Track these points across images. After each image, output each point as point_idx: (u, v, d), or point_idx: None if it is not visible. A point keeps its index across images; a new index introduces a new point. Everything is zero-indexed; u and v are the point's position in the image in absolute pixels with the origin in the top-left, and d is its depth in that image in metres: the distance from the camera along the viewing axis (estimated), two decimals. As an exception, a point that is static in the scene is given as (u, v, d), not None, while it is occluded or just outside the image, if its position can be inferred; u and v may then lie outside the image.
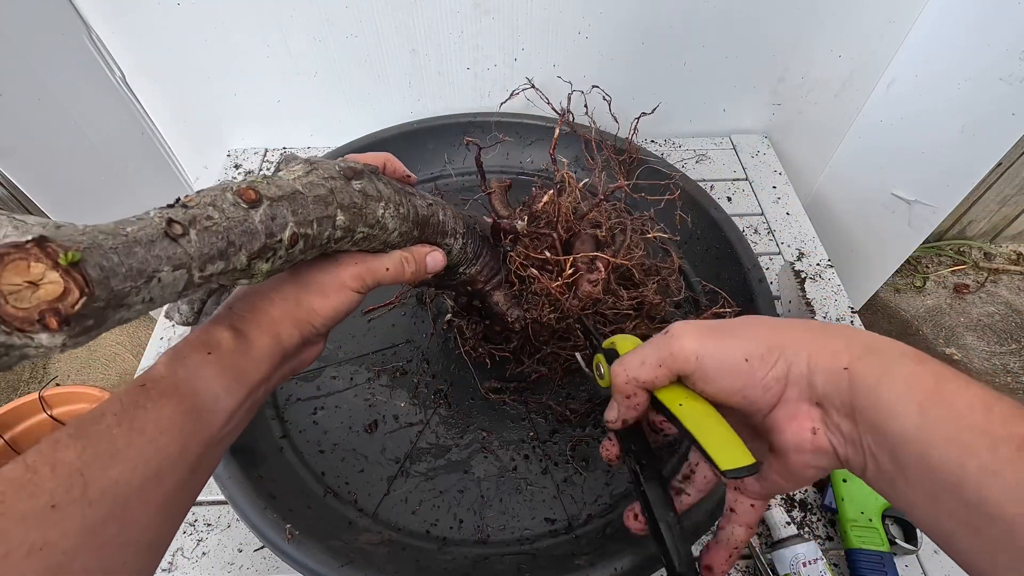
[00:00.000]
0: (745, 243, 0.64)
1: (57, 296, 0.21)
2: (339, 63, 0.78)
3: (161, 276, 0.25)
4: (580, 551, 0.46)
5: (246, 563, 0.50)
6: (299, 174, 0.34)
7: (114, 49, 0.75)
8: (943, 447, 0.22)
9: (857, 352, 0.26)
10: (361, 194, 0.36)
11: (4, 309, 0.20)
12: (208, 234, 0.27)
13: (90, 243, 0.23)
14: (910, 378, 0.24)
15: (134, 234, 0.25)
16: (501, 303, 0.52)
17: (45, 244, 0.21)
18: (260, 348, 0.34)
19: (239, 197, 0.29)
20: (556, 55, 0.79)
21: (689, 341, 0.30)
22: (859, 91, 0.85)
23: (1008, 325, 1.50)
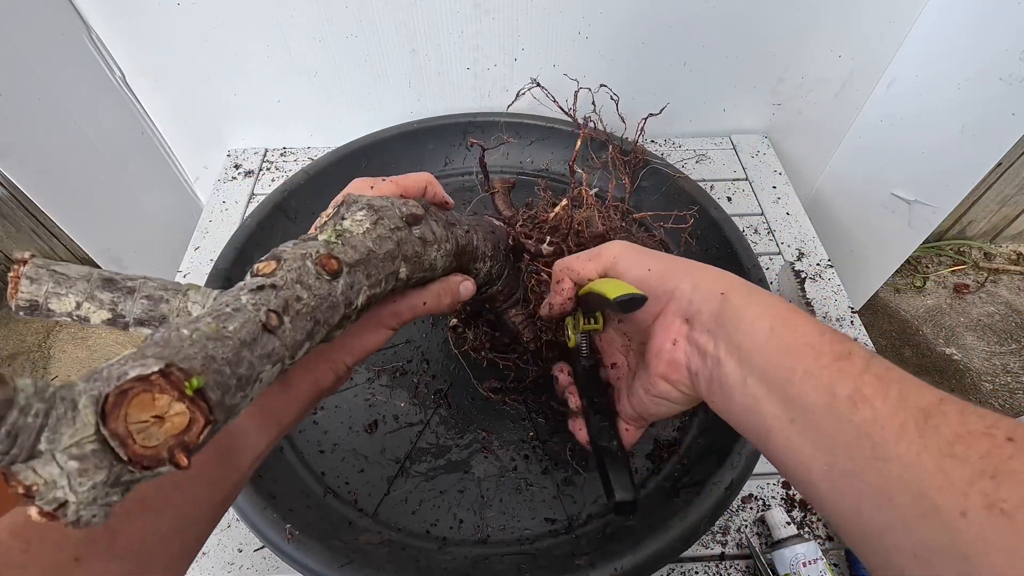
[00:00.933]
0: (745, 243, 0.64)
1: (184, 428, 0.20)
2: (339, 63, 0.78)
3: (263, 376, 0.23)
4: (580, 551, 0.46)
5: (246, 563, 0.50)
6: (367, 226, 0.32)
7: (114, 49, 0.75)
8: (781, 355, 0.27)
9: (734, 283, 0.32)
10: (421, 241, 0.35)
11: (133, 450, 0.19)
12: (300, 319, 0.25)
13: (204, 359, 0.21)
14: (769, 306, 0.30)
15: (237, 334, 0.23)
16: (518, 322, 0.51)
17: (169, 372, 0.19)
18: (299, 391, 0.33)
19: (322, 269, 0.27)
20: (556, 55, 0.79)
21: (616, 247, 0.37)
22: (859, 91, 0.85)
23: (1008, 325, 1.50)
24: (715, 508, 0.46)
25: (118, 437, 0.19)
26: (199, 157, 0.91)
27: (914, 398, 0.23)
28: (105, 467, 0.19)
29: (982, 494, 0.20)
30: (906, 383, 0.24)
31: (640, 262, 0.35)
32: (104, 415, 0.18)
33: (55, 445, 0.18)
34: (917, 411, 0.23)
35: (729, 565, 0.50)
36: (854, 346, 0.27)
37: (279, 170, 0.86)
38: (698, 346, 0.32)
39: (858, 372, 0.25)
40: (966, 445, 0.21)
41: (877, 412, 0.23)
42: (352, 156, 0.75)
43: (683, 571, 0.50)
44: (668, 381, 0.34)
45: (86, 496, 0.18)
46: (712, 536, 0.52)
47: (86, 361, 1.44)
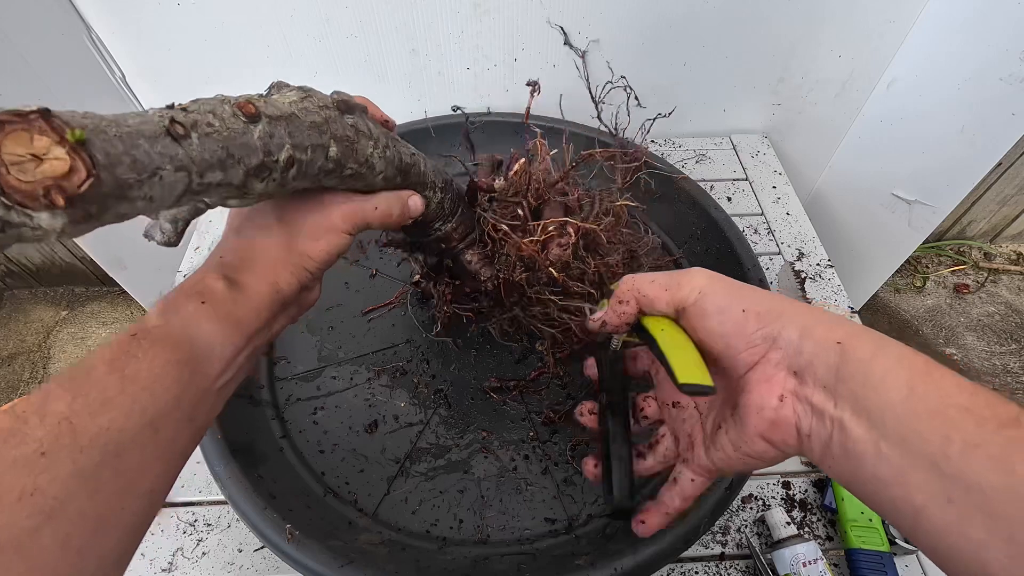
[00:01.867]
0: (745, 243, 0.64)
1: (63, 173, 0.20)
2: (339, 63, 0.78)
3: (163, 174, 0.24)
4: (580, 551, 0.46)
5: (246, 563, 0.50)
6: (293, 98, 0.33)
7: (114, 49, 0.75)
8: (928, 420, 0.23)
9: (853, 330, 0.27)
10: (353, 128, 0.36)
11: (5, 179, 0.19)
12: (209, 140, 0.26)
13: (95, 127, 0.22)
14: (902, 357, 0.25)
15: (137, 127, 0.23)
16: (474, 262, 0.52)
17: (50, 117, 0.20)
18: (258, 295, 0.33)
19: (238, 110, 0.28)
20: (556, 55, 0.79)
21: (700, 277, 0.32)
22: (859, 91, 0.85)
23: (1008, 325, 1.50)
24: (715, 508, 0.46)
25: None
26: (199, 157, 0.91)
27: None
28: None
29: None
30: None
31: (731, 297, 0.30)
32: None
33: None
34: None
35: (729, 565, 0.50)
36: (1019, 410, 0.22)
37: (279, 170, 0.86)
38: (812, 405, 0.27)
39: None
40: None
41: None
42: (352, 156, 0.75)
43: (683, 571, 0.50)
44: (769, 441, 0.29)
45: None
46: (712, 536, 0.52)
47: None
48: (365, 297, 0.66)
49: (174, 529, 0.52)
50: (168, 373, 0.28)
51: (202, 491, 0.54)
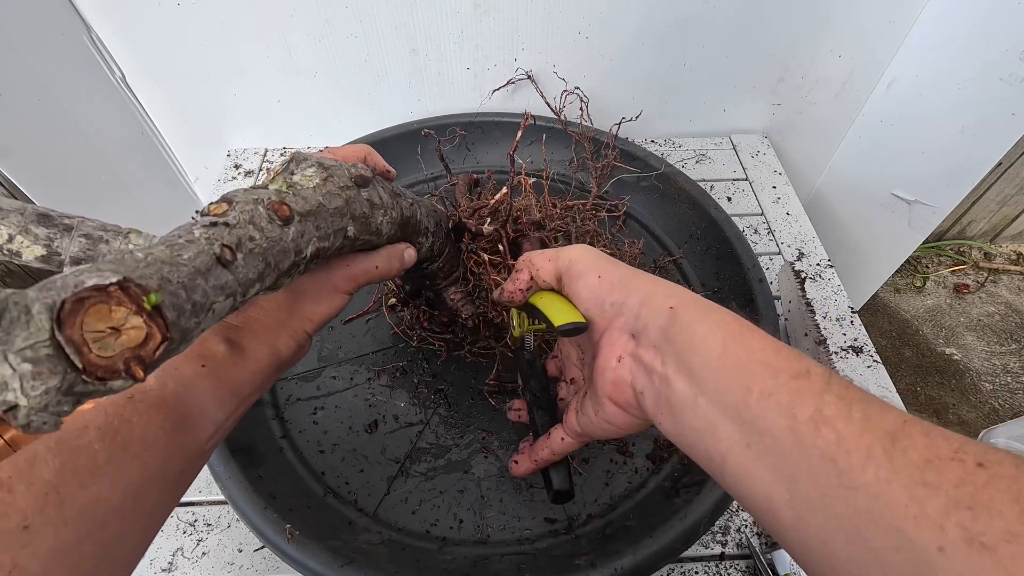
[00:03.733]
0: (745, 243, 0.64)
1: (140, 342, 0.20)
2: (339, 63, 0.78)
3: (216, 306, 0.24)
4: (580, 551, 0.46)
5: (246, 563, 0.50)
6: (317, 182, 0.33)
7: (114, 49, 0.75)
8: (735, 373, 0.26)
9: (686, 299, 0.30)
10: (368, 203, 0.36)
11: (88, 358, 0.19)
12: (252, 257, 0.26)
13: (161, 279, 0.21)
14: (722, 322, 0.28)
15: (192, 263, 0.23)
16: (457, 300, 0.53)
17: (127, 285, 0.19)
18: (257, 360, 0.33)
19: (274, 213, 0.28)
20: (556, 55, 0.79)
21: (575, 250, 0.36)
22: (859, 91, 0.85)
23: (1008, 325, 1.50)
24: (715, 508, 0.46)
25: (73, 344, 0.18)
26: (199, 157, 0.91)
27: (878, 419, 0.22)
28: (59, 373, 0.18)
29: (960, 527, 0.18)
30: (869, 403, 0.23)
31: (593, 267, 0.34)
32: (60, 322, 0.18)
33: (8, 347, 0.18)
34: (883, 434, 0.21)
35: (729, 565, 0.50)
36: (811, 364, 0.25)
37: (279, 170, 0.86)
38: (644, 363, 0.30)
39: (818, 391, 0.24)
40: (937, 472, 0.20)
41: (841, 435, 0.22)
42: (352, 156, 0.75)
43: (683, 571, 0.50)
44: (615, 403, 0.32)
45: (38, 401, 0.18)
46: (712, 536, 0.52)
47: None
48: (365, 297, 0.66)
49: (174, 529, 0.52)
50: (160, 439, 0.28)
51: (202, 491, 0.54)
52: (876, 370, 0.63)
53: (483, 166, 0.80)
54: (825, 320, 0.67)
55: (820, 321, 0.67)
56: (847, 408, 0.23)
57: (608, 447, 0.54)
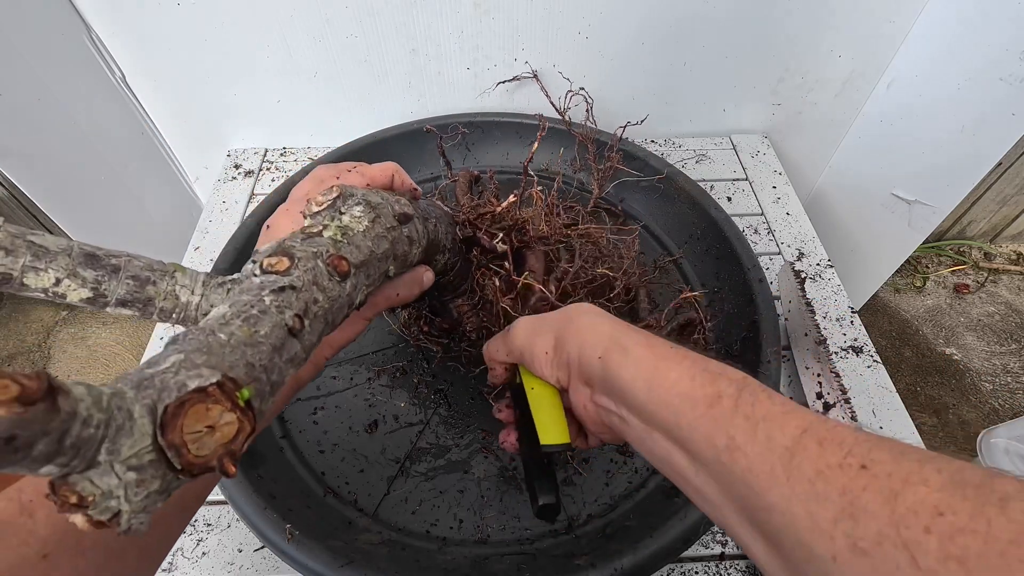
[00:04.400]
0: (745, 243, 0.64)
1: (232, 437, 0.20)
2: (339, 63, 0.78)
3: (286, 380, 0.24)
4: (580, 551, 0.46)
5: (246, 563, 0.50)
6: (366, 224, 0.32)
7: (114, 49, 0.75)
8: (664, 411, 0.28)
9: (611, 343, 0.32)
10: (408, 240, 0.36)
11: (186, 459, 0.19)
12: (317, 321, 0.26)
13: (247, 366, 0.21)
14: (640, 361, 0.30)
15: (268, 339, 0.23)
16: (463, 312, 0.53)
17: (224, 383, 0.20)
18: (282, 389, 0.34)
19: (334, 270, 0.28)
20: (556, 55, 0.79)
21: (516, 338, 0.38)
22: (859, 91, 0.85)
23: (1008, 325, 1.50)
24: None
25: (175, 447, 0.19)
26: (199, 157, 0.91)
27: (779, 436, 0.23)
28: (159, 477, 0.19)
29: (845, 535, 0.20)
30: (771, 420, 0.24)
31: (537, 347, 0.37)
32: (163, 426, 0.18)
33: (114, 456, 0.18)
34: (782, 451, 0.23)
35: (729, 565, 0.50)
36: (722, 383, 0.27)
37: (279, 170, 0.86)
38: (603, 407, 0.33)
39: (728, 416, 0.25)
40: (826, 483, 0.21)
41: (750, 460, 0.24)
42: (352, 156, 0.75)
43: (683, 571, 0.50)
44: (601, 433, 0.36)
45: (139, 505, 0.18)
46: (712, 536, 0.52)
47: (86, 360, 1.44)
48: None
49: (174, 529, 0.52)
50: None
51: (202, 491, 0.54)
52: (876, 370, 0.63)
53: (483, 166, 0.80)
54: (825, 320, 0.67)
55: (820, 321, 0.67)
56: (753, 429, 0.24)
57: (608, 447, 0.54)
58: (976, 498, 0.18)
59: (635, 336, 0.32)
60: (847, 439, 0.22)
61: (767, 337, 0.56)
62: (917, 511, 0.18)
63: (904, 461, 0.20)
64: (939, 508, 0.18)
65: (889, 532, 0.19)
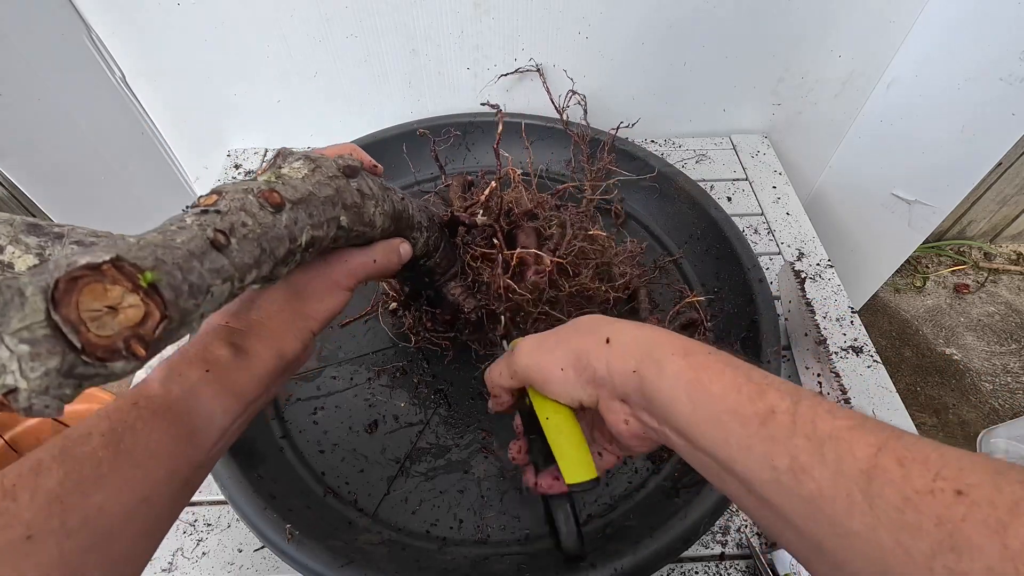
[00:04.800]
0: (745, 243, 0.64)
1: (139, 321, 0.19)
2: (339, 63, 0.78)
3: (214, 290, 0.24)
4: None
5: (246, 563, 0.50)
6: (305, 172, 0.33)
7: (114, 49, 0.75)
8: (710, 430, 0.27)
9: (644, 355, 0.31)
10: (359, 192, 0.36)
11: (87, 337, 0.18)
12: (246, 242, 0.26)
13: (155, 260, 0.21)
14: (678, 375, 0.29)
15: (186, 246, 0.23)
16: (458, 294, 0.53)
17: (121, 264, 0.19)
18: (263, 363, 0.33)
19: (265, 201, 0.28)
20: (556, 55, 0.79)
21: (522, 358, 0.36)
22: (859, 91, 0.85)
23: (1008, 325, 1.50)
24: (715, 508, 0.46)
25: (70, 323, 0.18)
26: (199, 157, 0.91)
27: (850, 459, 0.22)
28: (58, 353, 0.18)
29: (946, 569, 0.19)
30: (839, 439, 0.23)
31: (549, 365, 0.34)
32: (55, 302, 0.18)
33: (4, 328, 0.17)
34: (858, 475, 0.22)
35: (729, 565, 0.50)
36: (772, 396, 0.26)
37: (279, 170, 0.86)
38: (643, 422, 0.31)
39: (787, 435, 0.24)
40: (916, 511, 0.20)
41: (820, 484, 0.22)
42: (352, 156, 0.75)
43: (683, 571, 0.50)
44: (641, 447, 0.34)
45: (38, 383, 0.18)
46: (712, 536, 0.52)
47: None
48: (362, 300, 0.66)
49: (174, 529, 0.52)
50: (164, 447, 0.27)
51: (202, 491, 0.54)
52: (876, 370, 0.63)
53: (483, 165, 0.80)
54: (825, 320, 0.67)
55: (820, 321, 0.67)
56: (819, 450, 0.23)
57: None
58: None
59: (668, 345, 0.30)
60: (931, 457, 0.21)
61: (767, 337, 0.56)
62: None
63: (1005, 485, 0.19)
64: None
65: (1002, 569, 0.18)
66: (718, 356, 0.29)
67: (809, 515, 0.23)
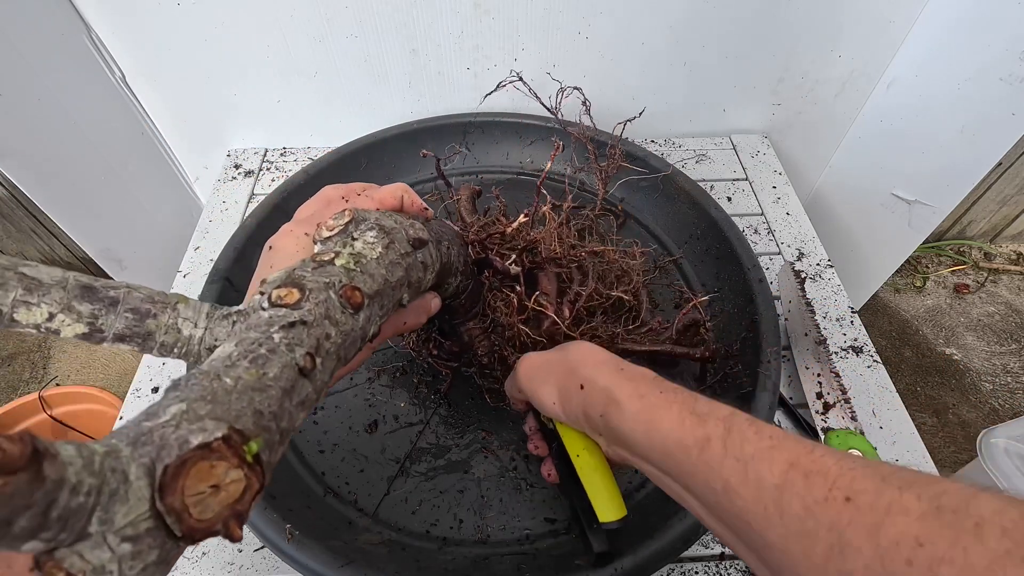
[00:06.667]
0: (745, 243, 0.64)
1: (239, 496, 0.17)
2: (339, 63, 0.78)
3: (297, 423, 0.22)
4: (580, 551, 0.46)
5: (246, 563, 0.50)
6: (380, 251, 0.30)
7: (114, 49, 0.75)
8: (666, 460, 0.30)
9: (605, 400, 0.34)
10: (422, 266, 0.34)
11: (187, 523, 0.16)
12: (329, 359, 0.24)
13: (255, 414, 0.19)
14: (635, 414, 0.32)
15: (278, 382, 0.21)
16: (475, 336, 0.52)
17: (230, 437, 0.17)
18: None
19: (347, 302, 0.26)
20: (556, 55, 0.79)
21: (521, 381, 0.41)
22: (859, 91, 0.85)
23: (1008, 325, 1.50)
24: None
25: (175, 512, 0.16)
26: (199, 157, 0.91)
27: (767, 475, 0.24)
28: (158, 546, 0.16)
29: (837, 571, 0.20)
30: (759, 458, 0.25)
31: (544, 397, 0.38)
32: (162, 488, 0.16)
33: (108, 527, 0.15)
34: (772, 489, 0.24)
35: (729, 565, 0.50)
36: (710, 424, 0.28)
37: (279, 170, 0.86)
38: (619, 453, 0.35)
39: (719, 460, 0.27)
40: (815, 519, 0.22)
41: (745, 501, 0.25)
42: (352, 156, 0.75)
43: (683, 571, 0.50)
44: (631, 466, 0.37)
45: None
46: (712, 536, 0.52)
47: (86, 361, 1.44)
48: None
49: (174, 529, 0.52)
50: None
51: (202, 491, 0.54)
52: (876, 370, 0.63)
53: (483, 165, 0.80)
54: (825, 320, 0.67)
55: (820, 321, 0.67)
56: (744, 470, 0.25)
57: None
58: (954, 524, 0.18)
59: (627, 387, 0.33)
60: (831, 469, 0.23)
61: (767, 337, 0.56)
62: (899, 543, 0.19)
63: (886, 489, 0.21)
64: (919, 539, 0.19)
65: (875, 566, 0.19)
66: (669, 392, 0.32)
67: (743, 530, 0.25)
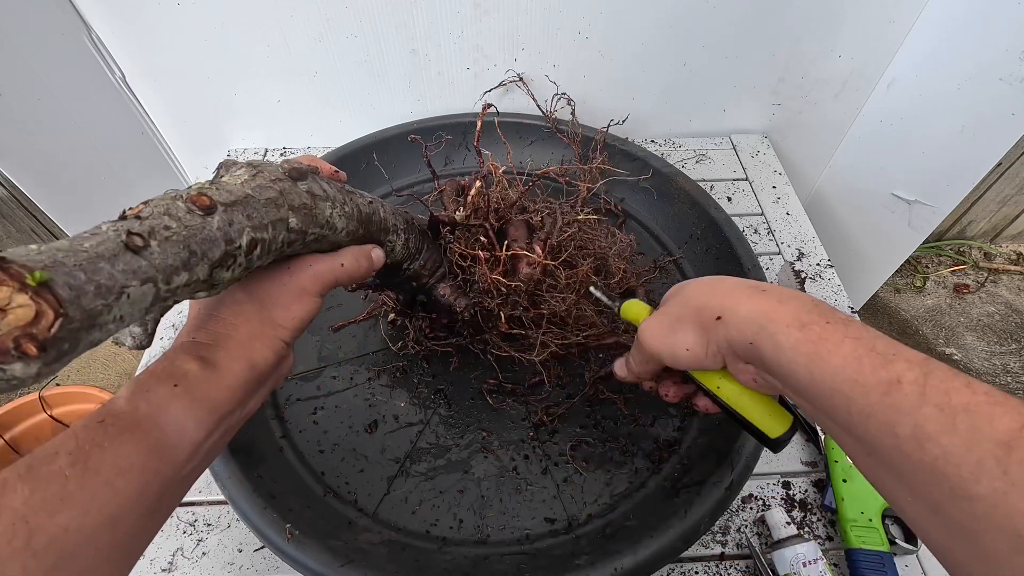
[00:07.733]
0: (745, 243, 0.64)
1: (30, 320, 0.19)
2: (339, 63, 0.78)
3: (130, 291, 0.24)
4: (580, 551, 0.46)
5: (246, 563, 0.50)
6: (245, 178, 0.33)
7: (114, 49, 0.75)
8: (830, 399, 0.28)
9: (754, 329, 0.31)
10: (309, 194, 0.36)
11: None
12: (169, 244, 0.26)
13: (52, 262, 0.21)
14: (793, 345, 0.29)
15: (94, 249, 0.23)
16: (448, 294, 0.53)
17: (7, 265, 0.19)
18: (232, 374, 0.32)
19: (193, 204, 0.28)
20: (556, 55, 0.79)
21: (649, 345, 0.38)
22: (859, 91, 0.85)
23: (1008, 325, 1.50)
24: (715, 508, 0.46)
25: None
26: (199, 157, 0.91)
27: (988, 429, 0.22)
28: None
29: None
30: (975, 411, 0.23)
31: (675, 347, 0.36)
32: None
33: None
34: (995, 445, 0.22)
35: (729, 565, 0.50)
36: (899, 365, 0.26)
37: (279, 170, 0.86)
38: (768, 382, 0.33)
39: (914, 405, 0.24)
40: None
41: (947, 450, 0.23)
42: (352, 156, 0.75)
43: (683, 571, 0.50)
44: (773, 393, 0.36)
45: None
46: (712, 536, 0.52)
47: (86, 361, 1.44)
48: (357, 304, 0.66)
49: (174, 529, 0.52)
50: (134, 464, 0.27)
51: (202, 491, 0.54)
52: (876, 370, 0.63)
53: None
54: (825, 320, 0.67)
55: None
56: (950, 420, 0.23)
57: (608, 446, 0.54)
58: None
59: (783, 313, 0.30)
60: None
61: (767, 337, 0.56)
62: None
63: None
64: None
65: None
66: (837, 326, 0.29)
67: (928, 479, 0.23)
